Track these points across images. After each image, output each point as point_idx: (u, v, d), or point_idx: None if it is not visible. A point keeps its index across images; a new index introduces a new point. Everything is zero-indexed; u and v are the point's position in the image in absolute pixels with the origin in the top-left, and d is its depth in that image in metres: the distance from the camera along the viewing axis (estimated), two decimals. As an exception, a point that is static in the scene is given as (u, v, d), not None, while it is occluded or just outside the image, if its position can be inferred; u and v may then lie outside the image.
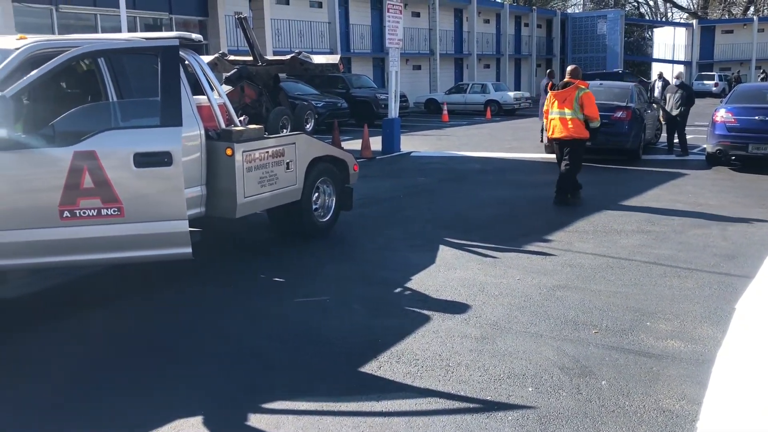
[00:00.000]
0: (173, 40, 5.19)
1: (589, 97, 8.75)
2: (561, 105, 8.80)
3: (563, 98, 8.80)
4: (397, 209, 8.95)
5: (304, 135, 7.07)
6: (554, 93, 8.94)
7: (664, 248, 6.82)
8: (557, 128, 8.88)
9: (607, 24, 45.89)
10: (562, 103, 8.79)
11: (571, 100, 8.71)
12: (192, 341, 4.59)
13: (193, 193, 5.62)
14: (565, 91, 8.80)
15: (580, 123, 8.74)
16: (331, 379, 3.99)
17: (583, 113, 8.69)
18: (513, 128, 22.00)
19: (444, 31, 36.77)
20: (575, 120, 8.71)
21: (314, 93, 20.40)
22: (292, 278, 5.98)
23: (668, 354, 4.28)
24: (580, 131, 8.78)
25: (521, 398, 3.72)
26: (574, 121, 8.72)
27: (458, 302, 5.26)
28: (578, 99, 8.68)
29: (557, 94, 8.88)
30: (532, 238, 7.21)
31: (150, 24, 19.30)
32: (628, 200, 9.35)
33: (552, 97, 8.97)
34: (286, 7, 27.10)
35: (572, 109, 8.69)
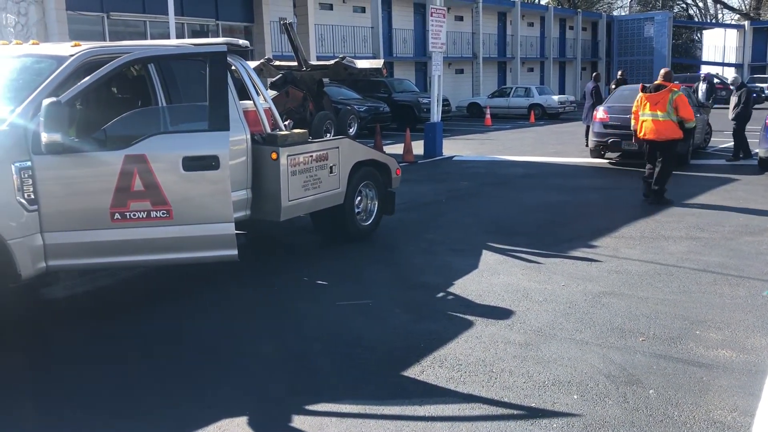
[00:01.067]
0: (221, 46, 5.28)
1: (683, 99, 8.94)
2: (653, 107, 9.01)
3: (656, 101, 8.99)
4: (439, 213, 8.93)
5: (348, 139, 7.12)
6: (646, 95, 9.12)
7: (714, 255, 6.65)
8: (650, 129, 9.09)
9: (654, 26, 45.02)
10: (654, 106, 9.00)
11: (664, 103, 8.91)
12: (236, 342, 4.66)
13: (239, 197, 5.71)
14: (657, 94, 9.00)
15: (674, 124, 8.94)
16: (373, 382, 4.00)
17: (677, 115, 8.89)
18: (557, 132, 21.74)
19: (487, 35, 36.57)
20: (668, 122, 8.92)
21: (357, 97, 20.51)
22: (334, 281, 6.01)
23: (719, 364, 4.16)
24: (673, 132, 8.98)
25: (566, 406, 3.67)
26: (667, 123, 8.93)
27: (502, 308, 5.22)
28: (672, 102, 8.88)
29: (649, 96, 9.07)
30: (577, 244, 7.11)
31: (197, 30, 19.69)
32: (676, 206, 9.15)
33: (643, 99, 9.17)
34: (330, 12, 27.33)
35: (665, 111, 8.91)
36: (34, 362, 4.36)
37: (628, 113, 12.82)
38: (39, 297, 5.49)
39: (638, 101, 9.35)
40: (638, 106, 9.32)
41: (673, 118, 8.91)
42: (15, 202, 4.42)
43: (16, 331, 4.75)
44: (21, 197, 4.44)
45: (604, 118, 13.25)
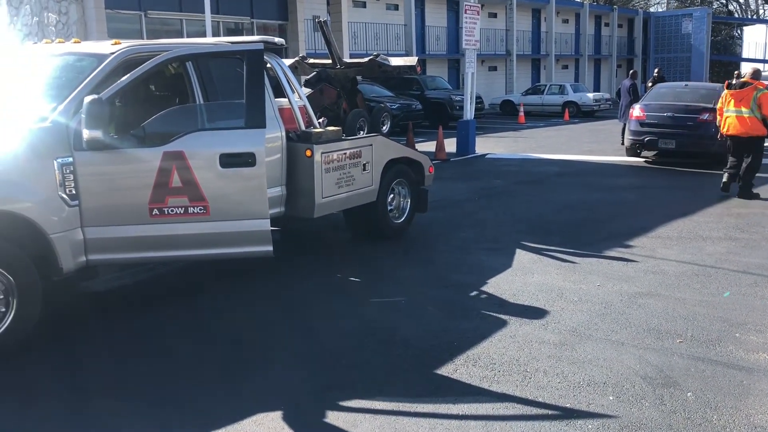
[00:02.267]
0: (258, 44, 5.33)
1: (765, 97, 9.22)
2: (738, 104, 9.37)
3: (740, 98, 9.37)
4: (472, 212, 8.89)
5: (381, 137, 7.12)
6: (731, 92, 9.49)
7: (755, 256, 6.51)
8: (733, 125, 9.45)
9: (692, 23, 44.13)
10: (738, 102, 9.36)
11: (748, 100, 9.28)
12: (271, 337, 4.70)
13: (274, 193, 5.75)
14: (743, 91, 9.37)
15: (757, 121, 9.26)
16: (407, 379, 4.01)
17: (761, 112, 9.21)
18: (592, 130, 21.47)
19: (521, 32, 36.26)
20: (752, 118, 9.26)
21: (389, 95, 20.50)
22: (367, 278, 6.03)
23: (760, 367, 4.08)
24: (757, 128, 9.32)
25: (602, 407, 3.63)
26: (751, 119, 9.27)
27: (536, 307, 5.18)
28: (756, 99, 9.22)
29: (734, 93, 9.44)
30: (613, 243, 7.02)
31: (232, 28, 19.87)
32: (714, 206, 8.98)
33: (728, 96, 9.53)
34: (363, 10, 27.37)
35: (749, 108, 9.27)
36: (74, 354, 4.45)
37: (666, 111, 12.79)
38: (80, 291, 5.61)
39: (723, 98, 9.69)
40: (723, 103, 9.65)
41: (756, 115, 9.22)
42: (57, 197, 4.52)
43: (59, 323, 4.87)
44: (63, 192, 4.54)
45: (641, 116, 13.05)
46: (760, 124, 9.26)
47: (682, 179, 11.50)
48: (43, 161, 4.48)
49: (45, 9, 15.26)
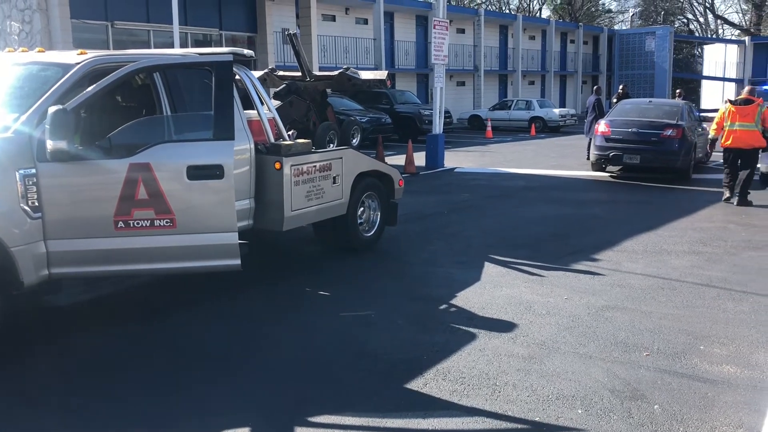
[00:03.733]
0: (227, 56, 5.30)
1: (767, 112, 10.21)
2: (743, 118, 10.14)
3: (744, 113, 10.15)
4: (441, 225, 8.92)
5: (351, 150, 7.12)
6: (737, 108, 10.23)
7: (717, 270, 6.64)
8: (738, 138, 10.21)
9: (655, 41, 45.15)
10: (743, 117, 10.14)
11: (753, 115, 10.11)
12: (239, 352, 4.63)
13: (242, 206, 5.70)
14: (748, 107, 10.19)
15: (759, 134, 10.15)
16: (377, 394, 3.98)
17: (763, 126, 10.12)
18: (558, 145, 21.77)
19: (489, 48, 36.71)
20: (755, 132, 10.11)
21: (359, 108, 20.55)
22: (337, 292, 6.00)
23: (724, 379, 4.15)
24: (758, 141, 10.20)
25: (570, 420, 3.65)
26: (754, 133, 10.12)
27: (505, 320, 5.20)
28: (761, 114, 10.09)
29: (738, 109, 10.21)
30: (580, 257, 7.10)
31: (200, 39, 19.75)
32: (678, 220, 9.15)
33: (733, 112, 10.24)
34: (333, 23, 27.45)
35: (753, 122, 10.10)
36: (34, 370, 4.33)
37: (630, 127, 13.05)
38: (43, 305, 5.47)
39: (724, 113, 10.40)
40: (723, 118, 10.39)
41: (759, 128, 10.09)
42: (18, 209, 4.41)
43: (19, 338, 4.73)
44: (25, 204, 4.44)
45: (606, 132, 13.28)
46: (761, 137, 10.17)
47: (646, 194, 11.71)
48: (4, 172, 4.37)
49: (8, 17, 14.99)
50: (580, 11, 54.05)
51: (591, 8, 57.25)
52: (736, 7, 65.48)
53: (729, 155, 10.51)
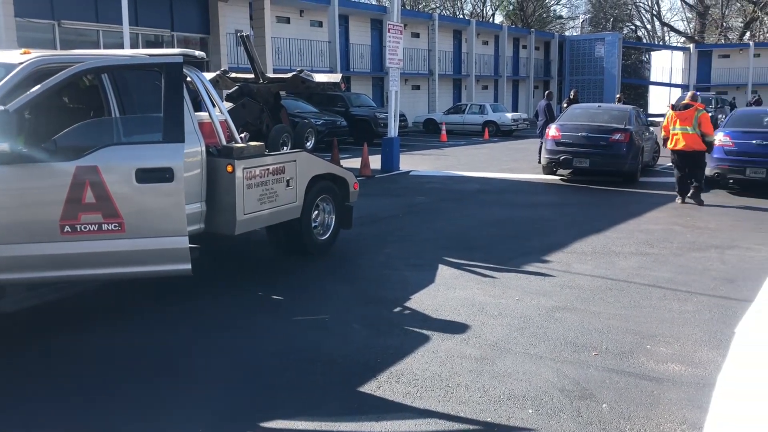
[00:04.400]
0: (177, 57, 5.22)
1: (705, 117, 10.65)
2: (682, 122, 10.61)
3: (684, 117, 10.61)
4: (396, 228, 8.95)
5: (305, 152, 7.09)
6: (676, 113, 10.72)
7: (663, 271, 6.82)
8: (679, 141, 10.67)
9: (604, 47, 46.23)
10: (683, 121, 10.61)
11: (691, 119, 10.55)
12: (191, 359, 4.56)
13: (193, 210, 5.61)
14: (686, 112, 10.64)
15: (698, 137, 10.55)
16: (330, 398, 3.97)
17: (701, 130, 10.51)
18: (511, 149, 22.08)
19: (443, 52, 37.02)
20: (694, 135, 10.54)
21: (314, 111, 20.48)
22: (290, 296, 5.96)
23: (669, 377, 4.26)
24: (697, 144, 10.60)
25: (521, 420, 3.70)
26: (693, 136, 10.56)
27: (458, 322, 5.25)
28: (697, 118, 10.53)
29: (679, 114, 10.67)
30: (531, 259, 7.21)
31: (151, 40, 19.39)
32: (626, 222, 9.38)
33: (674, 116, 10.73)
34: (287, 25, 27.29)
35: (691, 126, 10.54)
36: (-25, 380, 4.19)
37: (580, 131, 13.36)
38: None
39: (669, 118, 10.88)
40: (669, 122, 10.86)
41: (698, 132, 10.52)
42: (-42, 213, 4.26)
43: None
44: (-35, 208, 4.28)
45: (557, 136, 13.54)
46: (700, 140, 10.55)
47: (595, 197, 11.98)
48: (-58, 175, 4.22)
49: (-52, 15, 14.46)
50: (532, 17, 54.95)
51: (542, 14, 58.26)
52: (682, 15, 67.57)
53: (675, 158, 11.00)
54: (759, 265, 7.03)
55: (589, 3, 64.68)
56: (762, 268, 6.92)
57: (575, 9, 66.86)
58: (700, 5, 60.31)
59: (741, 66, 47.18)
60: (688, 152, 10.71)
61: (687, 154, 10.74)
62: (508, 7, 56.92)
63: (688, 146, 10.65)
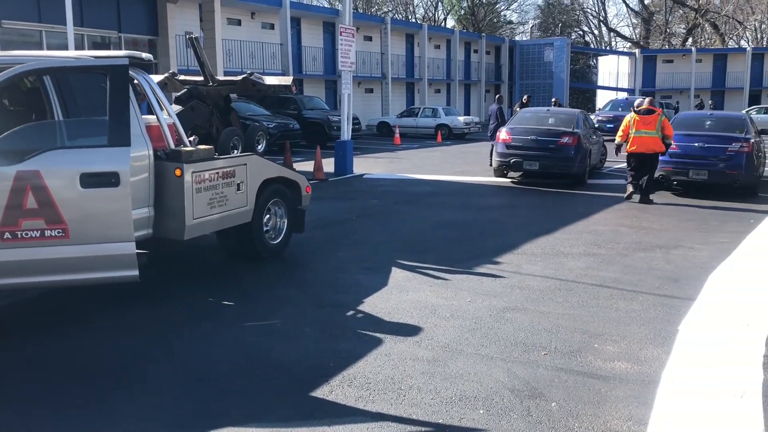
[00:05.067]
0: (123, 59, 5.12)
1: (667, 121, 11.46)
2: (645, 126, 11.27)
3: (647, 122, 11.28)
4: (349, 231, 8.94)
5: (256, 156, 7.03)
6: (639, 117, 11.32)
7: (610, 271, 6.98)
8: (640, 144, 11.31)
9: (553, 52, 47.12)
10: (645, 125, 11.26)
11: (654, 123, 11.24)
12: (140, 366, 4.47)
13: (140, 215, 5.51)
14: (650, 117, 11.30)
15: (660, 140, 11.27)
16: (282, 403, 3.94)
17: (663, 133, 11.25)
18: (463, 152, 22.31)
19: (396, 56, 37.19)
20: (657, 138, 11.24)
21: (266, 114, 20.33)
22: (241, 302, 5.89)
23: (615, 375, 4.36)
24: (659, 146, 11.32)
25: (472, 421, 3.73)
26: (656, 139, 11.25)
27: (410, 325, 5.27)
28: (660, 122, 11.25)
29: (641, 118, 11.29)
30: (483, 260, 7.29)
31: (98, 42, 18.97)
32: (574, 223, 9.57)
33: (636, 120, 11.34)
34: (238, 27, 27.03)
35: (654, 130, 11.23)
36: None
37: (530, 134, 13.59)
38: None
39: (630, 121, 11.47)
40: (629, 125, 11.46)
41: (659, 135, 11.23)
42: None
43: None
44: None
45: (507, 139, 13.73)
46: (660, 142, 11.30)
47: (545, 199, 12.19)
48: None
49: None
50: (483, 22, 55.67)
51: (493, 19, 59.09)
52: (627, 21, 69.40)
53: (632, 159, 11.53)
54: (701, 265, 7.25)
55: (539, 9, 65.98)
56: (704, 267, 7.15)
57: (525, 14, 68.14)
58: (644, 12, 62.07)
59: (684, 71, 48.73)
60: (649, 154, 11.34)
61: (647, 156, 11.36)
62: (459, 11, 57.56)
63: (650, 148, 11.29)
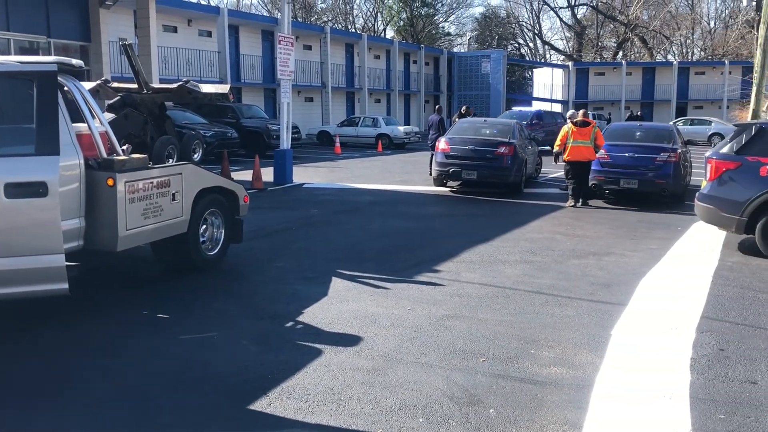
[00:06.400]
0: (51, 66, 4.96)
1: (599, 132, 12.45)
2: (581, 136, 12.19)
3: (584, 132, 12.21)
4: (289, 241, 8.86)
5: (191, 165, 6.90)
6: (576, 128, 12.23)
7: (546, 278, 7.13)
8: (576, 153, 12.20)
9: (490, 63, 48.04)
10: (581, 135, 12.19)
11: (588, 134, 12.19)
12: (71, 382, 4.30)
13: (70, 226, 5.32)
14: (584, 128, 12.25)
15: (592, 149, 12.22)
16: (219, 418, 3.85)
17: (596, 143, 12.23)
18: (403, 161, 22.46)
19: (335, 65, 37.22)
20: (590, 147, 12.19)
21: (203, 122, 19.99)
22: (177, 314, 5.75)
23: (551, 380, 4.45)
24: (592, 155, 12.26)
25: (412, 429, 3.74)
26: (590, 148, 12.20)
27: (350, 335, 5.25)
28: (594, 133, 12.24)
29: (578, 129, 12.24)
30: (423, 269, 7.34)
31: (26, 47, 18.26)
32: (511, 231, 9.74)
33: (573, 131, 12.24)
34: (174, 34, 26.56)
35: (589, 140, 12.18)
36: None
37: (468, 144, 13.79)
38: None
39: (567, 132, 12.34)
40: (566, 135, 12.33)
41: (592, 145, 12.19)
42: None
43: None
44: None
45: (446, 149, 13.91)
46: (594, 152, 12.24)
47: (483, 207, 12.38)
48: None
49: None
50: (422, 33, 56.35)
51: (432, 31, 59.85)
52: (561, 35, 71.38)
53: (569, 168, 12.44)
54: (632, 271, 7.49)
55: (476, 21, 67.25)
56: (635, 273, 7.38)
57: (462, 26, 69.11)
58: (577, 26, 64.07)
59: (615, 83, 50.46)
60: (584, 162, 12.26)
61: (582, 164, 12.28)
62: (398, 22, 58.09)
63: (585, 157, 12.19)
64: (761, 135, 8.31)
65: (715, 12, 64.90)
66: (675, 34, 61.35)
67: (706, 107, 48.05)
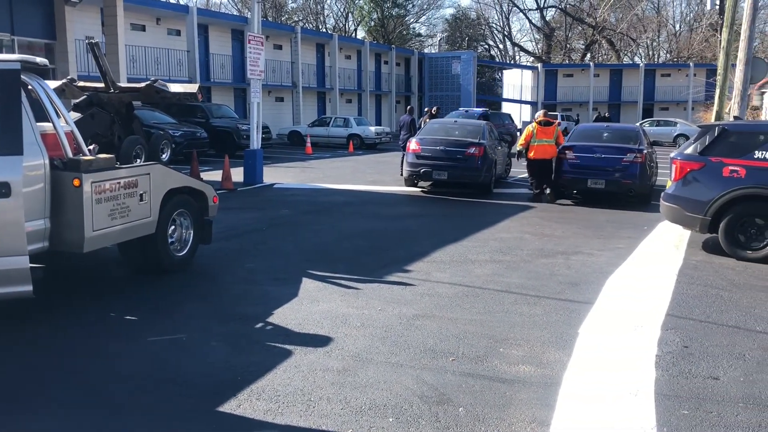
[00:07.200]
0: (14, 63, 4.87)
1: (560, 132, 13.43)
2: (545, 135, 13.08)
3: (546, 132, 13.11)
4: (259, 242, 8.82)
5: (159, 165, 6.83)
6: (540, 127, 13.09)
7: (515, 277, 7.20)
8: (540, 151, 13.06)
9: (461, 65, 48.34)
10: (545, 134, 13.09)
11: (551, 133, 13.11)
12: (36, 386, 4.23)
13: (35, 227, 5.23)
14: (548, 128, 13.16)
15: (554, 147, 13.08)
16: (188, 420, 3.82)
17: (557, 141, 13.10)
18: (375, 162, 22.48)
19: (306, 65, 37.12)
20: (553, 146, 13.08)
21: (171, 122, 19.78)
22: (145, 316, 5.69)
23: (520, 379, 4.49)
24: (554, 153, 13.09)
25: (382, 429, 3.75)
26: (552, 147, 13.09)
27: (321, 335, 5.25)
28: (556, 132, 13.17)
29: (541, 128, 13.10)
30: (393, 269, 7.36)
31: (-12, 44, 17.90)
32: (481, 231, 9.82)
33: (537, 130, 13.10)
34: (143, 33, 26.25)
35: (551, 139, 13.08)
36: None
37: (438, 145, 13.88)
38: None
39: (532, 131, 13.16)
40: (530, 134, 13.14)
41: (554, 143, 13.05)
42: None
43: None
44: None
45: (417, 150, 13.97)
46: (555, 149, 13.03)
47: (453, 207, 12.45)
48: None
49: None
50: (393, 34, 56.47)
51: (402, 32, 60.03)
52: (531, 37, 72.16)
53: (533, 165, 13.23)
54: (599, 270, 7.60)
55: (446, 22, 67.56)
56: (602, 272, 7.49)
57: (433, 27, 69.47)
58: (546, 27, 64.76)
59: (583, 85, 51.13)
60: (547, 159, 13.08)
61: (544, 162, 13.10)
62: (369, 23, 58.14)
63: (549, 154, 13.04)
64: (724, 136, 8.49)
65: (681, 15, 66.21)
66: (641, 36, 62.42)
67: (672, 109, 48.99)
